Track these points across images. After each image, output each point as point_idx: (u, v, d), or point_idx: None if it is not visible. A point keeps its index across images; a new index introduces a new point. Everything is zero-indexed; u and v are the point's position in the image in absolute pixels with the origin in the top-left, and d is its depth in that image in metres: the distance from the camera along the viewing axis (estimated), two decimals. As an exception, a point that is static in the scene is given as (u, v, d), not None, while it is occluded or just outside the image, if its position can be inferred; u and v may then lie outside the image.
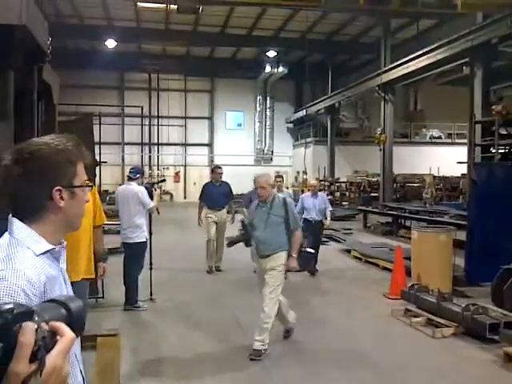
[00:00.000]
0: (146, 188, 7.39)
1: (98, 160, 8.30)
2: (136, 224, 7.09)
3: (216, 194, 9.93)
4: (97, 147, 8.51)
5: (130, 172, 7.45)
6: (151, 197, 7.35)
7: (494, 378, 4.99)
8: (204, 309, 7.51)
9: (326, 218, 10.11)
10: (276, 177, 10.03)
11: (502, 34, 13.22)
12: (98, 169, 8.22)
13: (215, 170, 10.43)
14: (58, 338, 0.88)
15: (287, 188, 25.24)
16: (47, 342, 0.85)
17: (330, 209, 10.49)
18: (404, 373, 5.12)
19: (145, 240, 7.26)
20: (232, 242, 6.41)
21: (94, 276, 4.65)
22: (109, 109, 31.68)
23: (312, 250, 6.67)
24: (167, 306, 7.57)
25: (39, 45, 3.28)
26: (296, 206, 8.71)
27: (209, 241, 9.98)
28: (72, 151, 1.38)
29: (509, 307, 6.81)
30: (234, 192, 10.80)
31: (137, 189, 7.19)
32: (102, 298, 7.36)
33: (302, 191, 20.63)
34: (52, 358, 0.85)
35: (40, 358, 0.84)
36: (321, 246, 10.49)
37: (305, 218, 9.56)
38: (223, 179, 10.35)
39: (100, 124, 12.05)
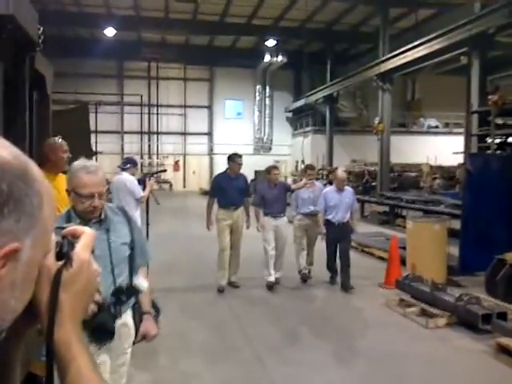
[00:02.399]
0: (140, 179, 7.39)
1: (95, 149, 8.28)
2: None
3: (232, 190, 7.90)
4: (94, 136, 8.46)
5: (121, 163, 7.52)
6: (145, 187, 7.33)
7: (485, 369, 5.03)
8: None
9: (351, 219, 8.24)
10: (272, 167, 8.52)
11: (499, 24, 13.19)
12: (94, 158, 8.21)
13: (235, 159, 8.06)
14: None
15: (286, 178, 25.27)
16: (69, 240, 0.87)
17: (357, 206, 9.15)
18: (396, 362, 5.17)
19: None
20: None
21: None
22: (108, 97, 31.76)
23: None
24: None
25: (29, 34, 3.28)
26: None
27: (222, 251, 7.99)
28: None
29: (502, 297, 6.87)
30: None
31: (125, 178, 7.22)
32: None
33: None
34: (78, 252, 0.87)
35: (66, 253, 0.85)
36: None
37: (327, 220, 8.04)
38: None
39: (96, 112, 11.90)
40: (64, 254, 0.85)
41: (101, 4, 23.53)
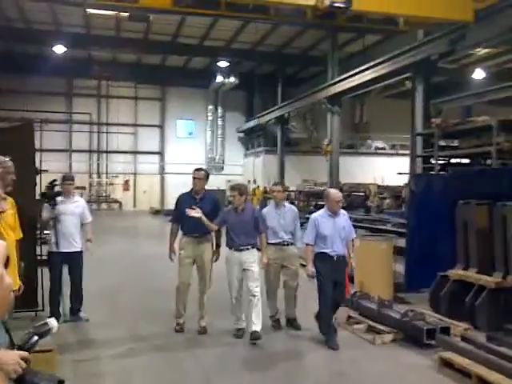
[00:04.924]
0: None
1: (39, 168, 8.02)
2: None
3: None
4: (39, 155, 8.16)
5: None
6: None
7: (429, 383, 5.17)
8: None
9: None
10: (230, 188, 6.76)
11: (441, 51, 13.80)
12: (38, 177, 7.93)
13: (194, 172, 6.78)
14: None
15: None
16: None
17: (354, 235, 6.84)
18: (343, 380, 5.25)
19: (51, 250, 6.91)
20: None
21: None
22: (56, 115, 31.16)
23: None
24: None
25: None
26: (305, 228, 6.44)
27: (177, 287, 6.71)
28: None
29: (445, 312, 7.09)
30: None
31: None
32: (42, 310, 7.16)
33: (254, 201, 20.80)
34: None
35: None
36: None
37: (323, 253, 6.20)
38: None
39: (42, 130, 11.58)
40: None
41: (50, 21, 23.23)
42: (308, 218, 6.77)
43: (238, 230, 6.43)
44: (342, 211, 6.48)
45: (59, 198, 6.94)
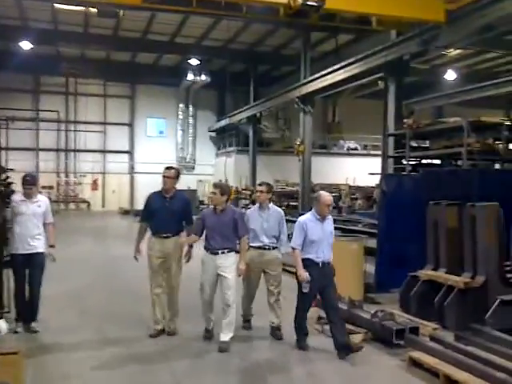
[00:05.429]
0: None
1: (5, 167, 7.70)
2: None
3: (164, 213, 6.34)
4: (5, 153, 7.91)
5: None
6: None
7: (398, 382, 5.14)
8: None
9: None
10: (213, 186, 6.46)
11: (412, 52, 13.88)
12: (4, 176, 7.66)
13: (164, 172, 6.50)
14: None
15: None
16: None
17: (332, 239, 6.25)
18: (313, 380, 5.18)
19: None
20: None
21: None
22: (23, 113, 30.54)
23: None
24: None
25: None
26: (292, 233, 6.10)
27: (151, 290, 6.51)
28: None
29: (415, 313, 7.10)
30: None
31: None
32: (8, 312, 6.91)
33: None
34: None
35: None
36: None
37: (307, 259, 5.91)
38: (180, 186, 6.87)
39: (8, 128, 11.26)
40: None
41: (17, 16, 22.69)
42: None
43: (214, 232, 6.09)
44: (329, 215, 6.17)
45: (17, 197, 6.64)
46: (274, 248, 6.57)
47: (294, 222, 6.29)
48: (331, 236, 6.03)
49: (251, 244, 6.44)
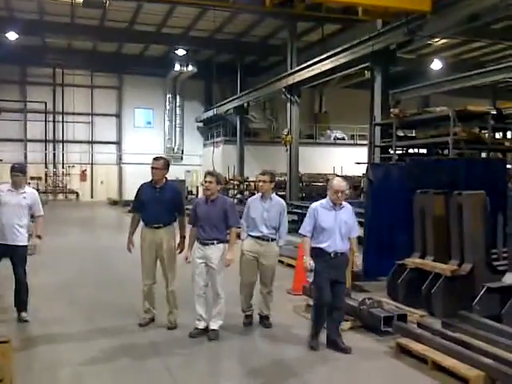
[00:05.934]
0: None
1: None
2: None
3: (154, 203, 6.22)
4: None
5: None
6: None
7: (386, 369, 5.20)
8: None
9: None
10: (206, 174, 6.24)
11: (399, 41, 13.92)
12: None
13: (153, 163, 6.35)
14: None
15: (197, 187, 25.17)
16: None
17: (357, 233, 5.88)
18: (301, 368, 5.23)
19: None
20: None
21: None
22: (10, 104, 30.29)
23: None
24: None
25: None
26: (303, 221, 5.82)
27: (143, 283, 6.39)
28: None
29: (402, 300, 7.17)
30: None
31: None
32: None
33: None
34: None
35: None
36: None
37: (318, 248, 5.57)
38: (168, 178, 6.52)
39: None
40: None
41: (2, 7, 22.41)
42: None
43: (204, 222, 5.95)
44: (347, 205, 5.77)
45: (4, 187, 6.54)
46: (272, 240, 6.33)
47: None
48: (345, 226, 5.58)
49: (250, 233, 6.32)
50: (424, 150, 15.60)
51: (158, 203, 6.21)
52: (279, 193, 21.96)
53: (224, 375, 5.21)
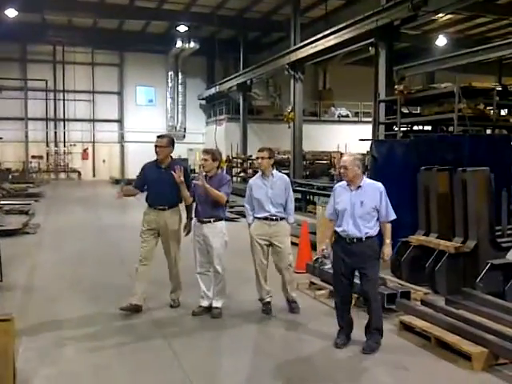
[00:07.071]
0: None
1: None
2: None
3: (159, 184, 5.98)
4: None
5: None
6: None
7: (390, 346, 5.19)
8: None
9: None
10: (203, 152, 6.30)
11: (403, 17, 13.71)
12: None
13: (156, 141, 6.10)
14: None
15: (200, 166, 25.12)
16: None
17: (389, 218, 5.09)
18: (304, 344, 5.23)
19: None
20: None
21: None
22: (11, 82, 30.10)
23: None
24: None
25: None
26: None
27: (139, 261, 6.09)
28: None
29: (406, 278, 7.16)
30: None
31: None
32: (1, 281, 6.92)
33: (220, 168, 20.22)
34: None
35: None
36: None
37: (336, 233, 5.07)
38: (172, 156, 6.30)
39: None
40: None
41: (0, -17, 22.17)
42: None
43: (202, 199, 5.86)
44: (372, 184, 5.12)
45: None
46: (281, 219, 5.99)
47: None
48: (361, 208, 4.90)
49: (256, 215, 6.02)
50: (429, 127, 15.48)
51: (164, 184, 5.93)
52: (283, 171, 21.97)
53: (226, 353, 5.18)
